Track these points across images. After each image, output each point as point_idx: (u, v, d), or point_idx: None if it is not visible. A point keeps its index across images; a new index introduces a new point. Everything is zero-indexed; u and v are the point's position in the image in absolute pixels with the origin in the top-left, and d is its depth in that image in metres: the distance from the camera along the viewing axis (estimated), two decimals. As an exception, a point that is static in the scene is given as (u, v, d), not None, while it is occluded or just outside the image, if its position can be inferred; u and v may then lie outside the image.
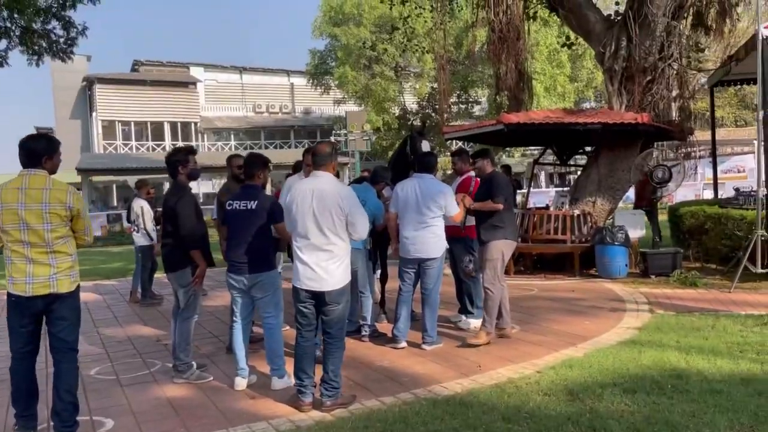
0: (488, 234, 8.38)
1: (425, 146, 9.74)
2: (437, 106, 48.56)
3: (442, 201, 8.14)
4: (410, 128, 13.99)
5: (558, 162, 16.59)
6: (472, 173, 9.15)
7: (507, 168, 16.24)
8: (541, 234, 14.11)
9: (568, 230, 13.98)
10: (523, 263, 14.81)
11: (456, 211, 8.14)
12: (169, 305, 12.03)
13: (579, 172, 17.21)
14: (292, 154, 46.35)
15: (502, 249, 8.40)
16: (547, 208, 16.36)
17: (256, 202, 7.30)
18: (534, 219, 14.23)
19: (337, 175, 6.68)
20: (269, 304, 7.30)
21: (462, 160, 9.53)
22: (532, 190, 19.79)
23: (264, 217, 7.21)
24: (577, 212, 14.21)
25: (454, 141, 34.70)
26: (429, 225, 8.21)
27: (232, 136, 61.53)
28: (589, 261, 13.97)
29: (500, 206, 8.30)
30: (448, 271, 10.13)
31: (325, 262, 6.46)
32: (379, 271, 10.11)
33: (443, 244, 8.25)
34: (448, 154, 46.31)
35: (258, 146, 60.30)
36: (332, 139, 47.88)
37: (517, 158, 55.23)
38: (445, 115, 25.56)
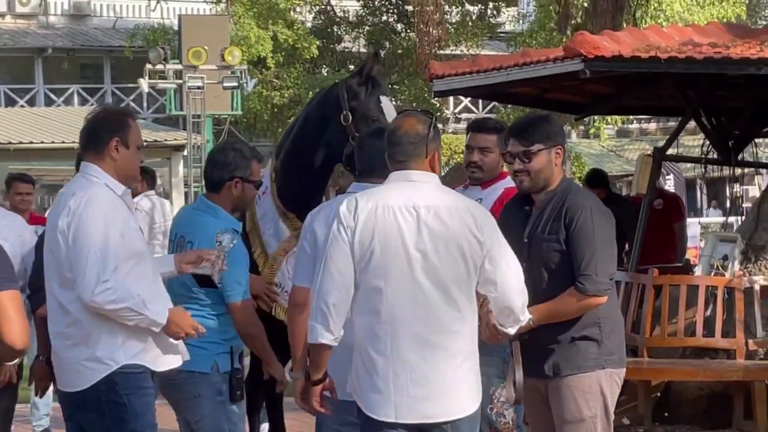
0: (565, 354, 5.00)
1: (387, 106, 5.96)
2: (409, 7, 29.62)
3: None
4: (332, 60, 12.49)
5: (714, 156, 10.61)
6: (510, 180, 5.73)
7: (597, 177, 10.63)
8: (673, 337, 8.96)
9: (739, 327, 8.72)
10: (631, 407, 9.24)
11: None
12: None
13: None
14: (43, 121, 29.21)
15: (602, 390, 5.04)
16: (686, 267, 10.91)
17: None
18: (652, 299, 8.92)
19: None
20: None
21: (489, 146, 5.84)
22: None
23: None
24: (762, 281, 9.02)
25: (452, 98, 29.73)
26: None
27: None
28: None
29: (599, 299, 4.89)
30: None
31: None
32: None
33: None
34: (450, 129, 31.68)
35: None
36: (144, 82, 24.82)
37: (608, 143, 37.95)
38: (434, 31, 18.85)
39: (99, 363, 4.35)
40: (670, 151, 10.51)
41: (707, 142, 10.29)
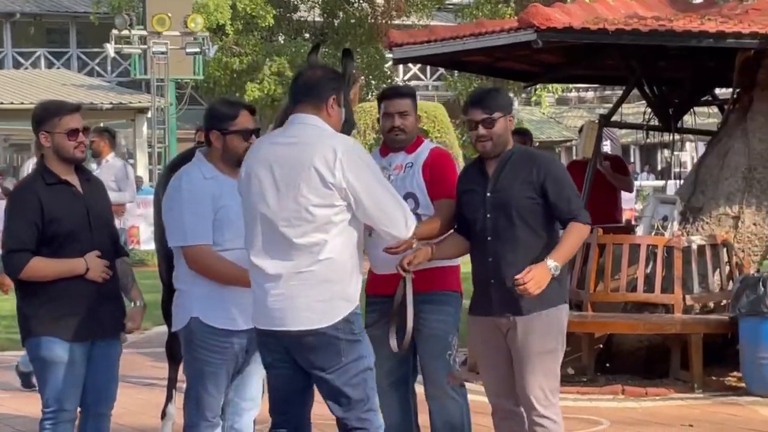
0: (541, 293, 5.26)
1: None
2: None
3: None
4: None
5: (655, 124, 10.71)
6: (428, 141, 6.18)
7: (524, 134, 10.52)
8: (616, 293, 9.14)
9: (677, 284, 8.86)
10: (576, 358, 9.33)
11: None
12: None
13: (704, 148, 12.02)
14: (11, 83, 30.19)
15: (563, 323, 5.44)
16: (628, 227, 10.84)
17: None
18: (597, 256, 9.10)
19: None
20: None
21: (407, 109, 5.90)
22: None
23: None
24: (698, 241, 9.21)
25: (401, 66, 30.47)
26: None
27: None
28: (724, 355, 9.19)
29: (589, 229, 5.43)
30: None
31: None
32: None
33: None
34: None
35: None
36: (110, 47, 25.90)
37: (548, 110, 38.55)
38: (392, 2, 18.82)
39: (345, 301, 4.50)
40: (613, 119, 10.68)
41: (649, 110, 10.29)
